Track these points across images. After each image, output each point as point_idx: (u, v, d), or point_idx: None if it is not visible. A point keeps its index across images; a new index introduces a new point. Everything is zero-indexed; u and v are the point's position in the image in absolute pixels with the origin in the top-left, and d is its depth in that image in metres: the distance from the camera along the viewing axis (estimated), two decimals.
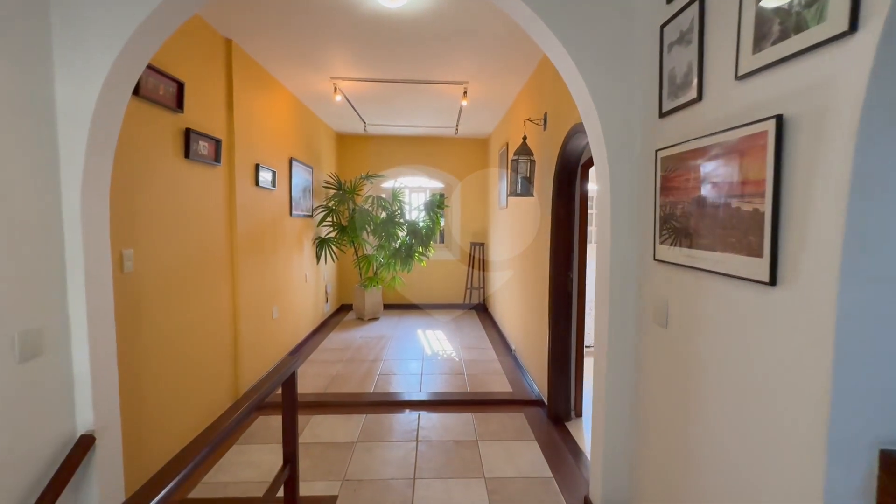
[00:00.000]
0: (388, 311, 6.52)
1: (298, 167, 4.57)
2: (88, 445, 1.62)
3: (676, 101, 1.52)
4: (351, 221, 5.67)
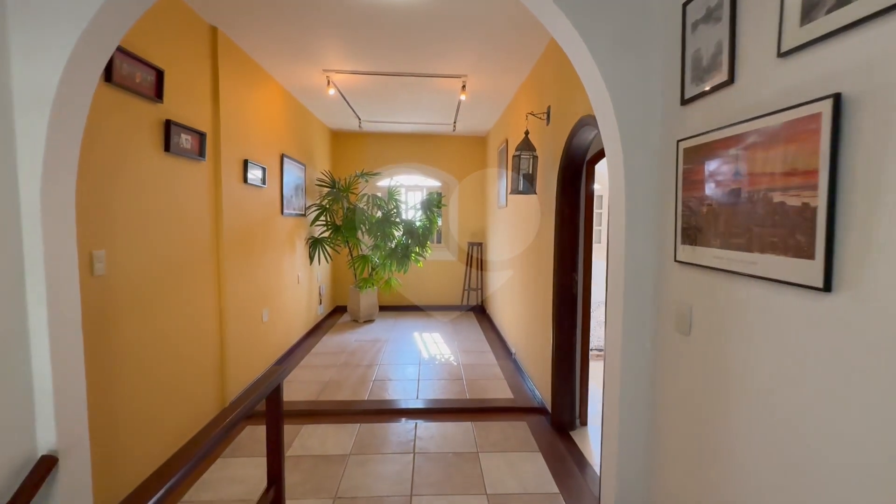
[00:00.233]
0: (383, 312, 6.35)
1: (290, 164, 4.41)
2: (50, 467, 1.46)
3: (702, 85, 1.37)
4: (345, 221, 5.51)
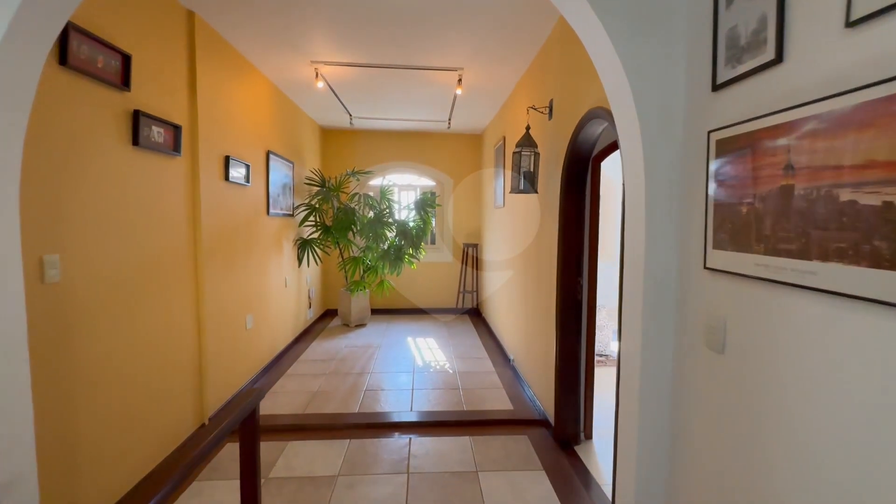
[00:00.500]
0: (375, 316, 6.14)
1: (277, 161, 4.18)
2: None
3: (740, 67, 1.19)
4: (336, 221, 5.29)
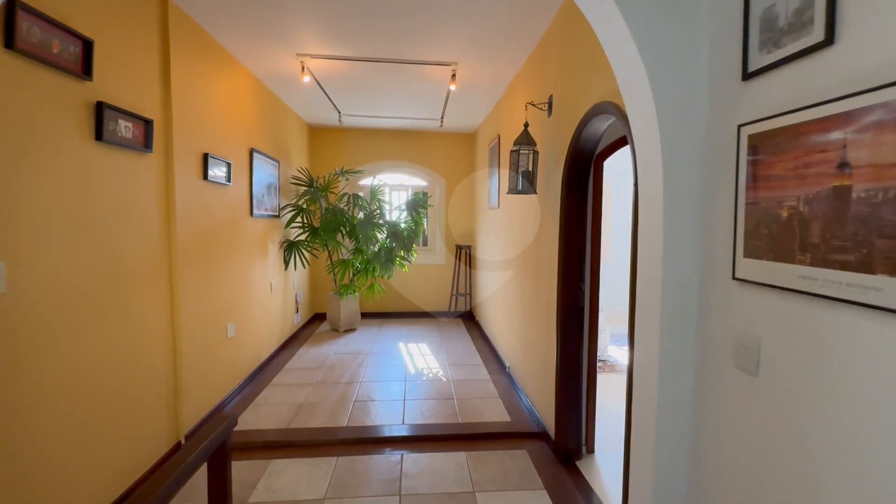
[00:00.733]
0: (366, 320, 5.95)
1: (261, 160, 3.99)
2: None
3: (778, 52, 1.05)
4: (324, 222, 5.10)
